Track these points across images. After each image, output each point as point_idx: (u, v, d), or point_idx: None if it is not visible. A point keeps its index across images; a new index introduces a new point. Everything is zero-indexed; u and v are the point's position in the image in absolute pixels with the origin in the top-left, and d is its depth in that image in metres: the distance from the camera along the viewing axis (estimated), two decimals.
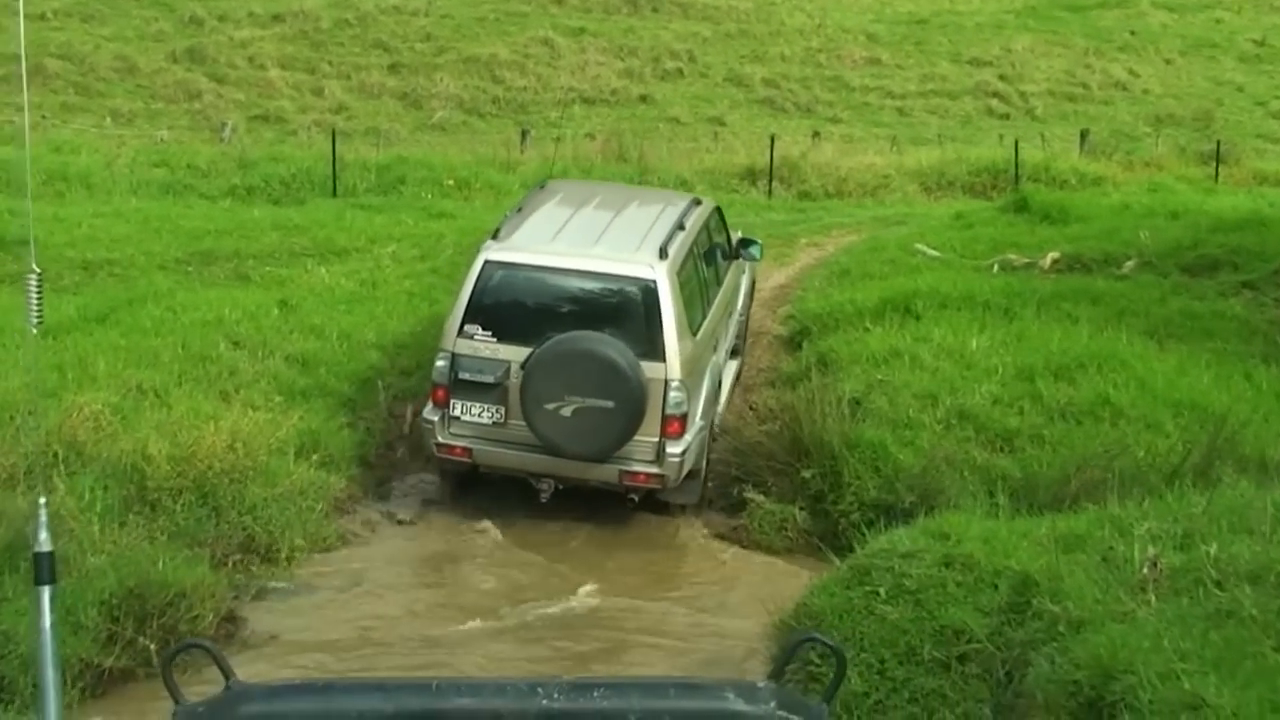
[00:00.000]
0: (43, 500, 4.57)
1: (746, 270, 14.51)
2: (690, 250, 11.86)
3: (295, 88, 42.04)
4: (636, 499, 11.23)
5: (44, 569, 4.36)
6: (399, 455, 12.47)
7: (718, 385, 12.27)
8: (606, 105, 43.02)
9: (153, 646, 8.60)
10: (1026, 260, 16.77)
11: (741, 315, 14.21)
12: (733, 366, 13.62)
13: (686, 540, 11.46)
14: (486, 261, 11.07)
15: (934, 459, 10.92)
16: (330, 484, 11.34)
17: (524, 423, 10.73)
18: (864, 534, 9.37)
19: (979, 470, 10.83)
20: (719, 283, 12.81)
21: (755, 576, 10.66)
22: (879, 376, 12.47)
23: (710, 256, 12.74)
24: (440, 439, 11.12)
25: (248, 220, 18.88)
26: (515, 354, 10.80)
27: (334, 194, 21.95)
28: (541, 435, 10.68)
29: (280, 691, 4.15)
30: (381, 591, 10.23)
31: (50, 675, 4.30)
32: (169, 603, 8.81)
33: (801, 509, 11.19)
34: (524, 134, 30.38)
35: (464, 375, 10.88)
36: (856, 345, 13.41)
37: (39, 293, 4.66)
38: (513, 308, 11.00)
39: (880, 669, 6.71)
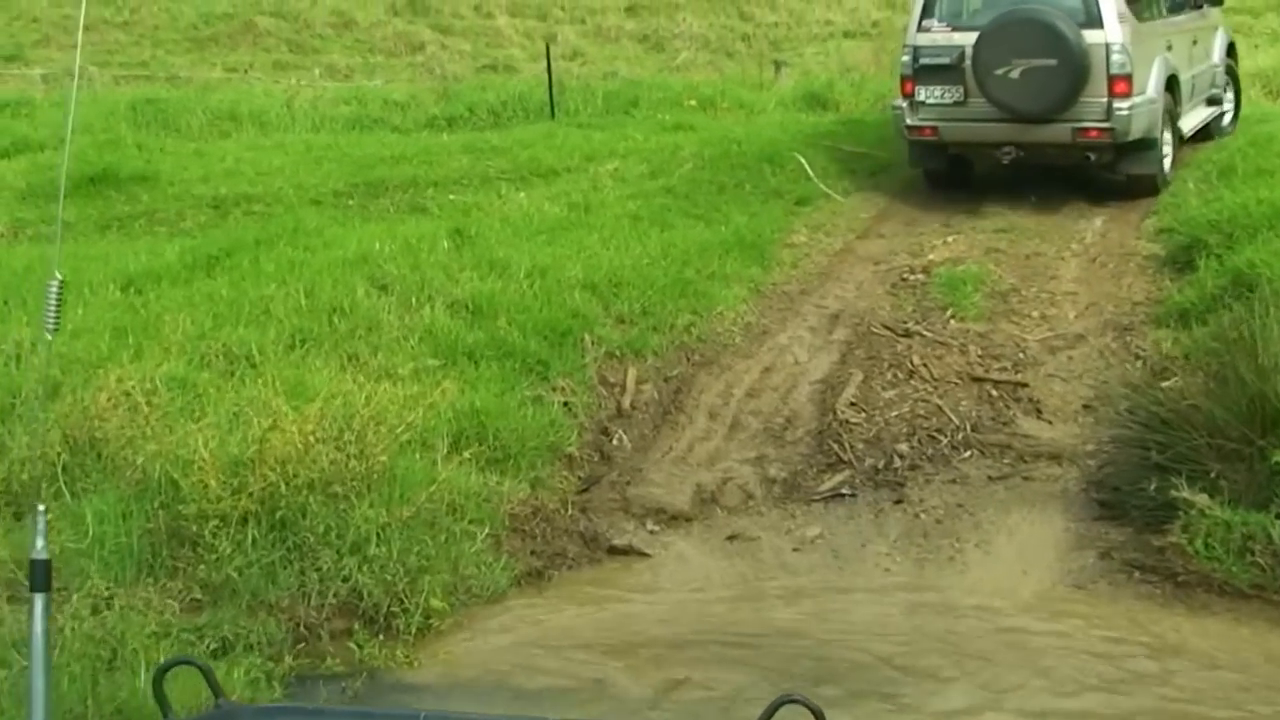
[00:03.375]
0: (41, 508, 3.99)
1: (1220, 29, 15.01)
2: None
3: (526, 35, 38.32)
4: (1093, 157, 12.14)
5: (39, 576, 3.98)
6: (615, 443, 8.21)
7: (1169, 79, 12.62)
8: (868, 38, 38.34)
9: None
10: None
11: (1218, 64, 14.72)
12: (1206, 111, 14.21)
13: (1081, 576, 6.94)
14: None
15: None
16: (501, 494, 7.19)
17: (980, 99, 12.03)
18: None
19: None
20: (1176, 8, 13.60)
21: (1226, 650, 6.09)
22: None
23: None
24: (910, 122, 12.44)
25: (433, 144, 14.74)
26: (967, 39, 12.11)
27: (551, 120, 17.72)
28: (994, 99, 11.93)
29: (270, 712, 4.07)
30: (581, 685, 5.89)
31: (40, 683, 3.80)
32: None
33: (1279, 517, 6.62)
34: (778, 66, 25.75)
35: (924, 61, 12.28)
36: None
37: (58, 298, 4.13)
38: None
39: None
